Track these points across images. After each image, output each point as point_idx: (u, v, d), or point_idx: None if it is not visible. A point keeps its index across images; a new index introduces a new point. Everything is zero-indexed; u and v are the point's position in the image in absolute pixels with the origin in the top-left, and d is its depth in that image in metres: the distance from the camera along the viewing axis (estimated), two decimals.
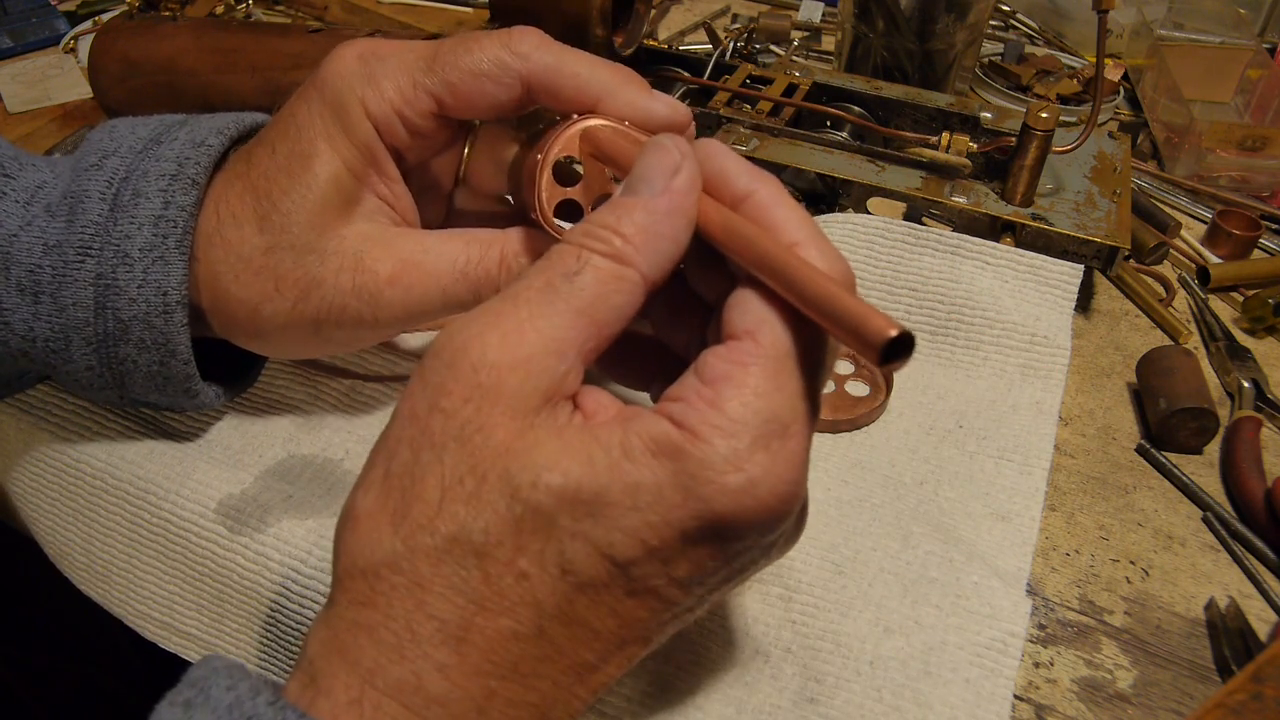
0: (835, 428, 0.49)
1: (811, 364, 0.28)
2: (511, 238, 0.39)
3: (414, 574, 0.27)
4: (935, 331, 0.53)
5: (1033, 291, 0.53)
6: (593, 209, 0.36)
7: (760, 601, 0.40)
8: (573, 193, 0.36)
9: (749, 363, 0.27)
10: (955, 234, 0.54)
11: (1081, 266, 0.53)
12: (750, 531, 0.27)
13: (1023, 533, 0.44)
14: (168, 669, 0.42)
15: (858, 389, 0.51)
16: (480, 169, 0.42)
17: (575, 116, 0.35)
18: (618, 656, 0.29)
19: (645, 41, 0.70)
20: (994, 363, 0.52)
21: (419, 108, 0.37)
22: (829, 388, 0.51)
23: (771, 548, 0.30)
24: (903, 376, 0.52)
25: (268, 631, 0.42)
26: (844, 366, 0.53)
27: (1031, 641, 0.42)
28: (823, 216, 0.56)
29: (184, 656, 0.44)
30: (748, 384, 0.27)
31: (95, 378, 0.40)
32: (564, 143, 0.35)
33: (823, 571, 0.41)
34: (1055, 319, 0.52)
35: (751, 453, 0.26)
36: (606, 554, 0.27)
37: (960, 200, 0.58)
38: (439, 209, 0.43)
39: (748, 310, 0.28)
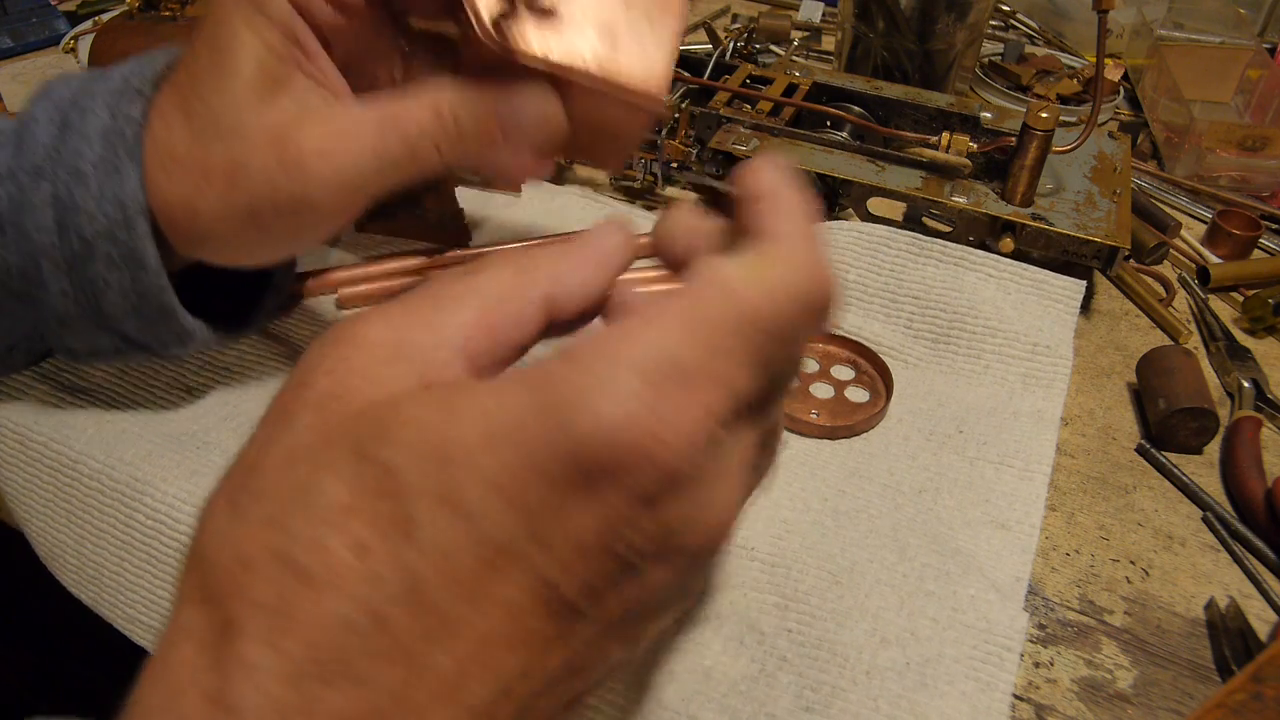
0: (834, 434, 0.49)
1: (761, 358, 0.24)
2: (446, 85, 0.36)
3: (235, 550, 0.22)
4: (937, 339, 0.53)
5: (1035, 304, 0.53)
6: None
7: (756, 610, 0.40)
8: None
9: (672, 306, 0.23)
10: (959, 246, 0.54)
11: (1084, 283, 0.53)
12: (620, 472, 0.22)
13: (1022, 541, 0.44)
14: None
15: (857, 395, 0.51)
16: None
17: None
18: (485, 669, 0.22)
19: None
20: (995, 371, 0.52)
21: None
22: (828, 393, 0.51)
23: (673, 536, 0.24)
24: (903, 382, 0.52)
25: None
26: (844, 372, 0.53)
27: (1031, 641, 0.42)
28: (828, 224, 0.56)
29: None
30: (656, 322, 0.23)
31: (71, 304, 0.40)
32: None
33: (819, 581, 0.41)
34: (1058, 331, 0.52)
35: (637, 388, 0.22)
36: (458, 508, 0.22)
37: (960, 200, 0.58)
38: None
39: (705, 264, 0.25)
